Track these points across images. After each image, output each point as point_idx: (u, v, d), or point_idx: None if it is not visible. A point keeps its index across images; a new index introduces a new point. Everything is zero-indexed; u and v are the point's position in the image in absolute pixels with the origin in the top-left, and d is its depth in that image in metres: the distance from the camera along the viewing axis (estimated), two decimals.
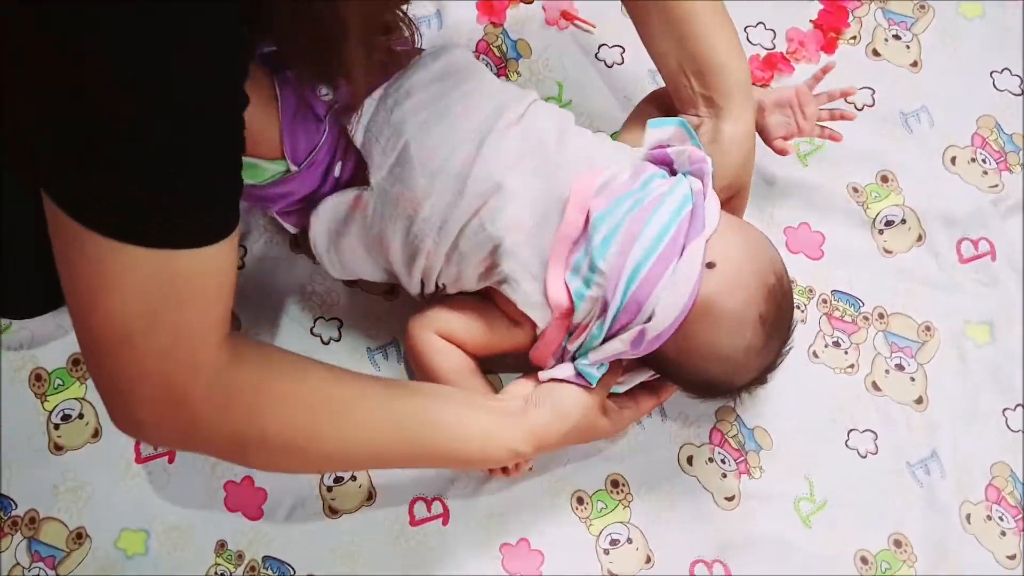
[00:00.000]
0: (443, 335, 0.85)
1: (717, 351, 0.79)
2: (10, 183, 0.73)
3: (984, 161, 1.03)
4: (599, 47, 1.05)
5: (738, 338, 0.78)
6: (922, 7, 1.08)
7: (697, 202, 0.79)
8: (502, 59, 1.04)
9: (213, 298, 0.61)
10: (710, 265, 0.77)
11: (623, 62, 1.05)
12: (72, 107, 0.51)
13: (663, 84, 1.02)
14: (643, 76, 1.04)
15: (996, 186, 1.02)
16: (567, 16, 1.05)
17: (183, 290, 0.58)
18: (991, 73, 1.07)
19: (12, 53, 0.51)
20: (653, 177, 0.82)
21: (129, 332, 0.59)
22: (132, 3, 0.49)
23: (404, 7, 0.76)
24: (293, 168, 0.80)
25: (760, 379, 0.84)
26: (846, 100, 0.96)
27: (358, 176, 0.82)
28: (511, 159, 0.80)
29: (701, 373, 0.80)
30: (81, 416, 0.90)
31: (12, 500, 0.88)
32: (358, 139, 0.80)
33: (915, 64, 1.07)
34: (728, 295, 0.77)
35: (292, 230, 0.88)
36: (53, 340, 0.92)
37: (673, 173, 0.84)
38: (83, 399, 0.91)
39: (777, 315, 0.79)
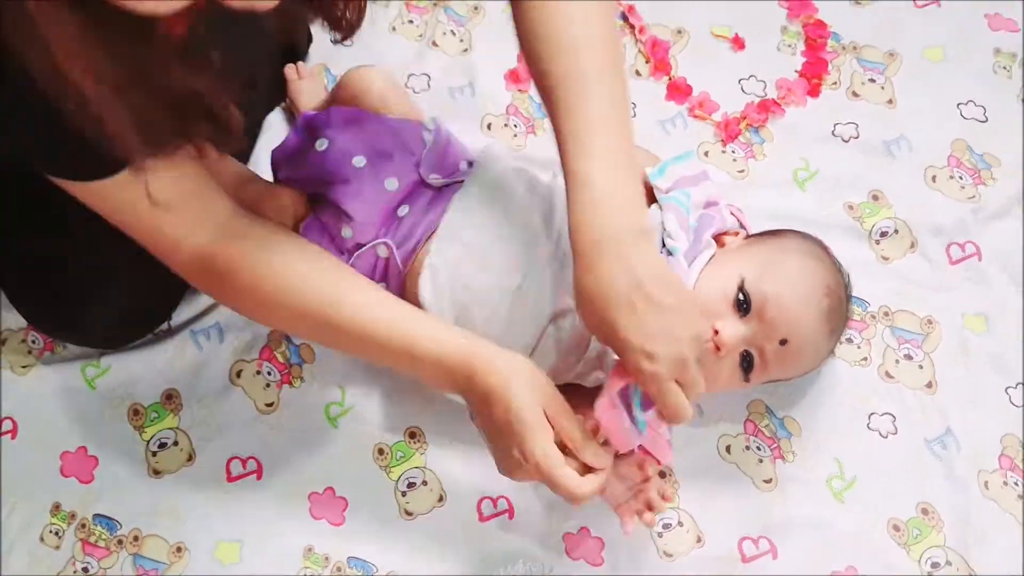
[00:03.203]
0: None
1: (801, 372, 0.96)
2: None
3: (961, 177, 1.16)
4: None
5: (816, 358, 0.95)
6: (891, 55, 1.23)
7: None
8: (529, 119, 1.18)
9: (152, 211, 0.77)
10: (783, 342, 0.89)
11: (635, 115, 1.18)
12: None
13: (670, 133, 1.18)
14: (656, 132, 1.18)
15: (973, 197, 1.15)
16: None
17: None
18: (957, 105, 1.21)
19: None
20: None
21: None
22: None
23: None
24: None
25: None
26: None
27: None
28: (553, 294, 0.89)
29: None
30: (176, 443, 1.00)
31: (117, 521, 0.97)
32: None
33: (891, 101, 1.21)
34: (805, 351, 0.92)
35: None
36: (145, 378, 1.03)
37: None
38: (177, 429, 1.00)
39: (840, 318, 0.94)
